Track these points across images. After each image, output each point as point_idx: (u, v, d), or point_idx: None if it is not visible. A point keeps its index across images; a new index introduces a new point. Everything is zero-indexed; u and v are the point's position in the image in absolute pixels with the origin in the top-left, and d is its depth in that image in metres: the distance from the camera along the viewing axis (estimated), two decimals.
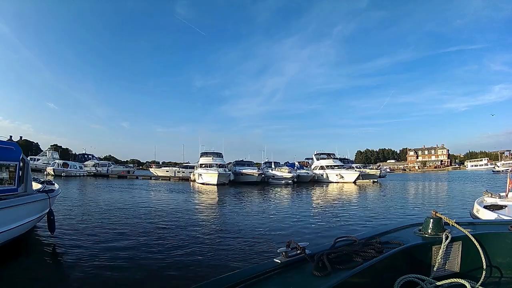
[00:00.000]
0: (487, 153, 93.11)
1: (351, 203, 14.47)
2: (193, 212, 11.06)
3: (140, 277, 4.46)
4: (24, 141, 72.81)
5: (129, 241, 6.36)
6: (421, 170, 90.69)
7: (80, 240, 6.37)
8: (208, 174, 27.86)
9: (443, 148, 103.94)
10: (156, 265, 4.92)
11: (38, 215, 6.28)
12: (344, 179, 32.70)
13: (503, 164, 56.05)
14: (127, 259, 5.17)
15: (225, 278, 1.22)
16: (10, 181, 5.65)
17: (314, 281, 1.22)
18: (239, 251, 5.82)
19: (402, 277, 1.49)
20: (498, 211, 5.75)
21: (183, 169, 39.40)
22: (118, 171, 45.09)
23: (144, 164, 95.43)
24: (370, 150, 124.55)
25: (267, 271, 1.29)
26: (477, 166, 75.65)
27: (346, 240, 1.81)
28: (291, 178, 30.08)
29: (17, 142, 7.39)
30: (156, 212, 10.57)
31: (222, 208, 12.75)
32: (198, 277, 4.39)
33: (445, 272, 1.75)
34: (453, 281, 1.52)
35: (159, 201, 14.26)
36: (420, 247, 1.75)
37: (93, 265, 4.81)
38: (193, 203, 14.24)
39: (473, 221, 2.35)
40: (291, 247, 1.50)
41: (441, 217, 1.93)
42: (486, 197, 7.34)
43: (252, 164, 35.80)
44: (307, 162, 45.88)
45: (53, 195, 6.73)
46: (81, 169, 41.31)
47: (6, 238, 5.11)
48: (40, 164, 44.72)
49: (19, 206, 5.41)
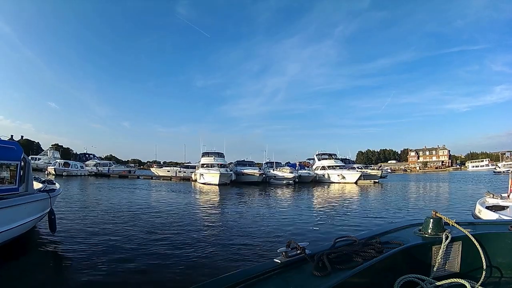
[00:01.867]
0: (488, 154, 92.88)
1: (352, 204, 14.45)
2: (195, 212, 11.06)
3: (140, 277, 4.46)
4: (25, 140, 72.89)
5: (129, 241, 6.36)
6: (422, 170, 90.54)
7: (81, 239, 6.38)
8: (209, 174, 27.85)
9: (444, 149, 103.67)
10: (157, 265, 4.92)
11: (39, 214, 6.29)
12: (346, 179, 32.65)
13: (504, 165, 55.81)
14: (127, 259, 5.17)
15: (225, 278, 1.22)
16: (11, 180, 5.66)
17: (314, 281, 1.22)
18: (240, 251, 5.82)
19: (402, 277, 1.48)
20: (500, 212, 5.73)
21: (184, 169, 39.38)
22: (119, 171, 45.12)
23: (145, 164, 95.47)
24: (371, 151, 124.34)
25: (267, 271, 1.29)
26: (478, 167, 75.37)
27: (346, 240, 1.81)
28: (292, 178, 30.06)
29: (18, 142, 7.40)
30: (157, 212, 10.57)
31: (224, 208, 12.74)
32: (198, 277, 4.40)
33: (445, 272, 1.75)
34: (453, 281, 1.52)
35: (160, 201, 14.28)
36: (420, 247, 1.75)
37: (94, 265, 4.81)
38: (195, 203, 14.24)
39: (473, 221, 2.34)
40: (291, 247, 1.50)
41: (441, 217, 1.93)
42: (487, 198, 7.32)
43: (253, 164, 35.78)
44: (308, 163, 45.81)
45: (54, 195, 6.74)
46: (82, 168, 41.32)
47: (6, 237, 5.11)
48: (41, 164, 44.77)
49: (20, 205, 5.42)
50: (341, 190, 23.42)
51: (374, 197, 18.21)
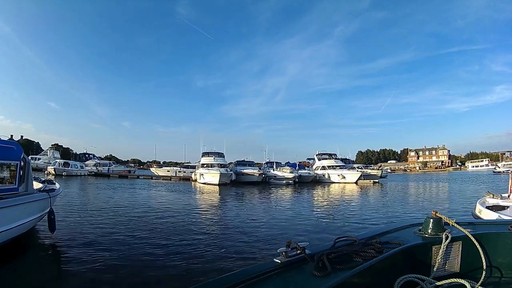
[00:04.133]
0: (488, 154, 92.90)
1: (352, 204, 14.46)
2: (195, 212, 11.05)
3: (140, 277, 4.46)
4: (25, 140, 72.88)
5: (129, 241, 6.36)
6: (422, 170, 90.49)
7: (81, 239, 6.38)
8: (209, 174, 27.84)
9: (444, 149, 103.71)
10: (157, 265, 4.93)
11: (38, 214, 6.28)
12: (346, 179, 32.64)
13: (504, 165, 55.83)
14: (127, 259, 5.17)
15: (225, 278, 1.22)
16: (11, 180, 5.65)
17: (314, 281, 1.22)
18: (239, 251, 5.82)
19: (402, 277, 1.48)
20: (501, 212, 5.73)
21: (184, 169, 39.35)
22: (119, 171, 45.11)
23: (145, 163, 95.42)
24: (371, 151, 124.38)
25: (267, 271, 1.29)
26: (478, 166, 75.35)
27: (346, 240, 1.80)
28: (292, 178, 30.08)
29: (18, 142, 7.40)
30: (157, 212, 10.57)
31: (224, 208, 12.74)
32: (198, 277, 4.39)
33: (445, 272, 1.75)
34: (453, 281, 1.52)
35: (160, 201, 14.27)
36: (420, 247, 1.75)
37: (93, 264, 4.81)
38: (195, 203, 14.24)
39: (473, 221, 2.34)
40: (291, 247, 1.50)
41: (441, 217, 1.93)
42: (487, 197, 7.32)
43: (253, 164, 35.76)
44: (308, 162, 45.81)
45: (53, 195, 6.74)
46: (82, 168, 41.28)
47: (6, 237, 5.11)
48: (41, 164, 44.74)
49: (20, 205, 5.41)
50: (342, 190, 23.41)
51: (374, 197, 18.21)
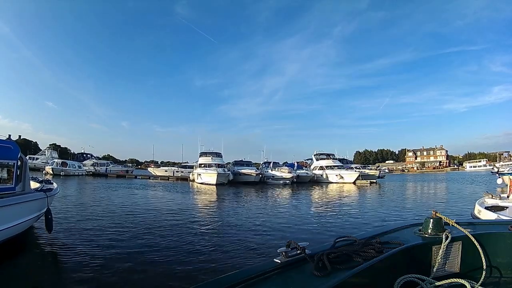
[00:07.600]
0: (486, 154, 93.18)
1: (351, 204, 14.48)
2: (192, 212, 11.04)
3: (138, 277, 4.44)
4: (23, 140, 72.53)
5: (126, 241, 6.34)
6: (420, 171, 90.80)
7: (78, 239, 6.35)
8: (207, 174, 27.82)
9: (442, 149, 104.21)
10: (155, 265, 4.90)
11: (35, 214, 6.25)
12: (344, 179, 32.72)
13: (502, 165, 56.11)
14: (124, 259, 5.14)
15: (225, 278, 1.21)
16: (8, 179, 5.63)
17: (314, 281, 1.22)
18: (239, 251, 5.81)
19: (402, 277, 1.48)
20: (500, 212, 5.75)
21: (181, 168, 39.34)
22: (117, 171, 45.04)
23: (143, 163, 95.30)
24: (369, 151, 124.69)
25: (267, 271, 1.29)
26: (476, 167, 75.66)
27: (346, 240, 1.80)
28: (290, 178, 30.11)
29: (15, 141, 7.37)
30: (154, 212, 10.55)
31: (222, 208, 12.72)
32: (198, 277, 4.38)
33: (445, 272, 1.75)
34: (453, 281, 1.52)
35: (158, 201, 14.24)
36: (420, 247, 1.75)
37: (91, 264, 4.79)
38: (192, 203, 14.22)
39: (473, 221, 2.34)
40: (291, 247, 1.49)
41: (441, 217, 1.93)
42: (486, 198, 7.33)
43: (251, 164, 35.79)
44: (306, 163, 45.84)
45: (51, 194, 6.70)
46: (79, 168, 41.20)
47: (3, 237, 5.07)
48: (38, 163, 44.60)
49: (17, 205, 5.38)
50: (340, 190, 23.46)
51: (372, 197, 18.25)
